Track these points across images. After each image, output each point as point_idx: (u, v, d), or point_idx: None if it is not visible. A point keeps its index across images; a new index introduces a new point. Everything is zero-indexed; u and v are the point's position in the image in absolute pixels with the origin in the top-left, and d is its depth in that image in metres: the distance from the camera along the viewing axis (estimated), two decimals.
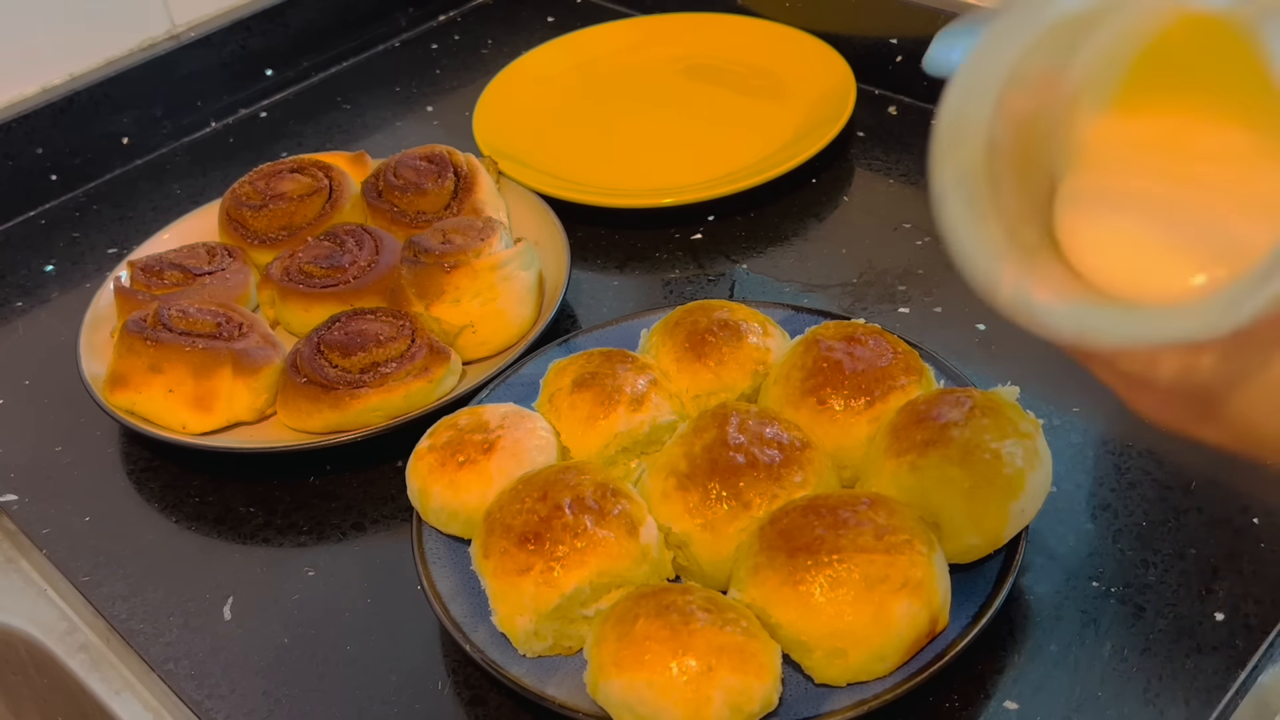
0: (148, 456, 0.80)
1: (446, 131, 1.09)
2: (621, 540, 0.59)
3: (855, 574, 0.56)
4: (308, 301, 0.82)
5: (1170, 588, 0.63)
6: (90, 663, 0.69)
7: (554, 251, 0.87)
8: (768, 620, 0.57)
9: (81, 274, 0.97)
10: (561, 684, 0.59)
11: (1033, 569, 0.65)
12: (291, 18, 1.17)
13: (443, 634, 0.65)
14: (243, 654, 0.66)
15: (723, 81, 1.09)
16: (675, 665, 0.53)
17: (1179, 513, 0.67)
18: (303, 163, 0.93)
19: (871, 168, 0.97)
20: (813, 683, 0.58)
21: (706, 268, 0.89)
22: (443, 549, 0.66)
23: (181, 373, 0.76)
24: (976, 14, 0.40)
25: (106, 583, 0.71)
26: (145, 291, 0.83)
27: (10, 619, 0.72)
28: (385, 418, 0.75)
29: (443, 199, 0.90)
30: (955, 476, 0.60)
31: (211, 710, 0.64)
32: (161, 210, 1.03)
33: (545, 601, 0.58)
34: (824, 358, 0.67)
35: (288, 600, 0.69)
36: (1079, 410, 0.73)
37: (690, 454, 0.63)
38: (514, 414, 0.69)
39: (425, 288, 0.80)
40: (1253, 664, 0.59)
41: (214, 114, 1.15)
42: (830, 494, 0.61)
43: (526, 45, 1.14)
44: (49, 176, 1.06)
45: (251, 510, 0.75)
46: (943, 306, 0.83)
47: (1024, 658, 0.61)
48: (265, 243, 0.89)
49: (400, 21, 1.25)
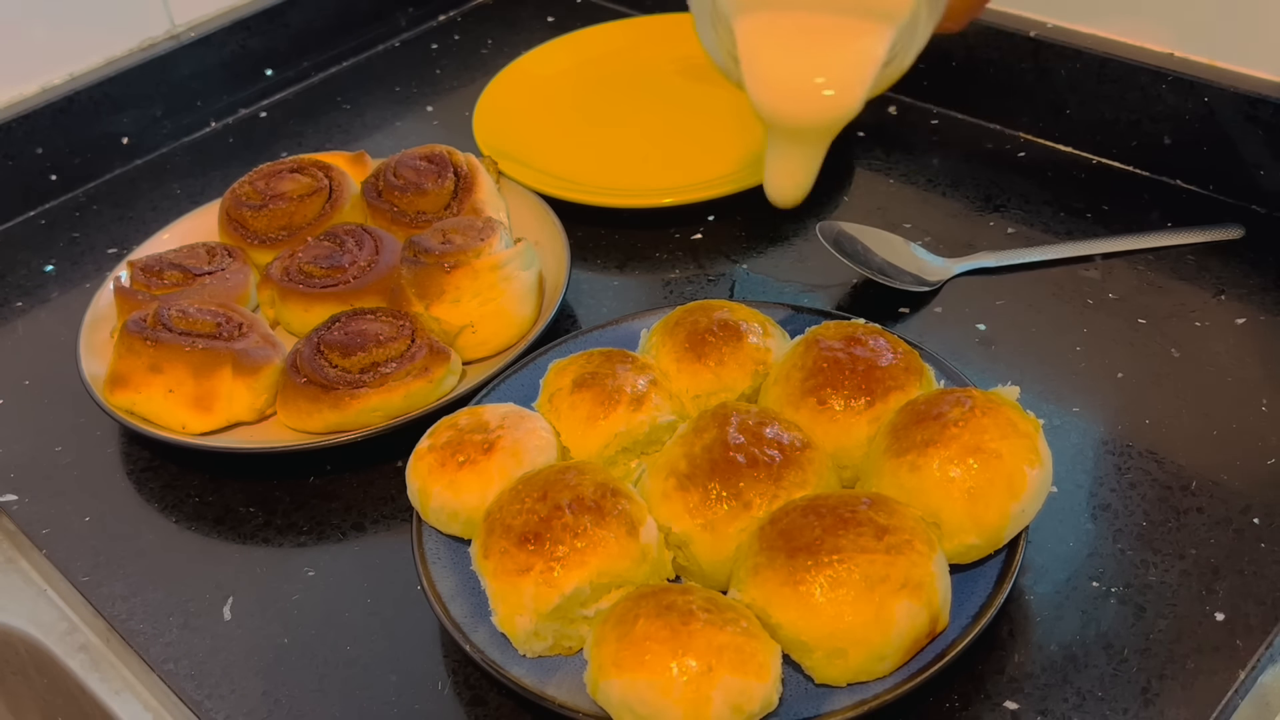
0: (148, 456, 0.80)
1: (446, 131, 1.09)
2: (621, 540, 0.59)
3: (855, 574, 0.56)
4: (308, 301, 0.82)
5: (1170, 588, 0.63)
6: (90, 663, 0.69)
7: (554, 251, 0.87)
8: (768, 620, 0.57)
9: (81, 274, 0.98)
10: (561, 684, 0.59)
11: (1033, 569, 0.65)
12: (291, 18, 1.17)
13: (443, 634, 0.65)
14: (243, 654, 0.66)
15: (723, 81, 1.08)
16: (675, 665, 0.53)
17: (1179, 513, 0.67)
18: (303, 163, 0.93)
19: (871, 168, 0.97)
20: (813, 683, 0.58)
21: (706, 268, 0.89)
22: (443, 549, 0.66)
23: (181, 373, 0.76)
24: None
25: (106, 583, 0.71)
26: (145, 291, 0.83)
27: (10, 619, 0.72)
28: (385, 418, 0.75)
29: (443, 199, 0.90)
30: (955, 476, 0.60)
31: (211, 710, 0.64)
32: (161, 210, 1.04)
33: (545, 601, 0.58)
34: (824, 358, 0.67)
35: (288, 600, 0.69)
36: (1079, 410, 0.74)
37: (690, 454, 0.63)
38: (514, 414, 0.69)
39: (425, 288, 0.80)
40: (1253, 664, 0.59)
41: (214, 114, 1.15)
42: (830, 494, 0.61)
43: (526, 45, 1.14)
44: (49, 176, 1.06)
45: (251, 510, 0.75)
46: (943, 306, 0.83)
47: (1024, 658, 0.61)
48: (265, 243, 0.89)
49: (400, 21, 1.25)
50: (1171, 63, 0.89)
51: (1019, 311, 0.81)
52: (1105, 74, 0.91)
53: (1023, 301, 0.82)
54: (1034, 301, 0.82)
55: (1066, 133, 0.96)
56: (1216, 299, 0.80)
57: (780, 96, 0.60)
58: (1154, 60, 0.89)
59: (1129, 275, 0.83)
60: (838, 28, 0.58)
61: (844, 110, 0.60)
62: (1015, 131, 0.99)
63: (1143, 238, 0.85)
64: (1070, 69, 0.93)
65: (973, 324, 0.81)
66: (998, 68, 0.97)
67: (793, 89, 0.60)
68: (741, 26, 0.60)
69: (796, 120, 0.61)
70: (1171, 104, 0.88)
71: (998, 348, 0.79)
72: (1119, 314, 0.80)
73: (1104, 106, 0.92)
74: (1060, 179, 0.93)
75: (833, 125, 0.62)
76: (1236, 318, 0.79)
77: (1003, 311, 0.81)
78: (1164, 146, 0.90)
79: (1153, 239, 0.85)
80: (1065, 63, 0.93)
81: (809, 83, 0.59)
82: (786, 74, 0.60)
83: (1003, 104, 0.99)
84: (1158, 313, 0.80)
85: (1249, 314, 0.79)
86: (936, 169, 0.96)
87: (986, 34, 0.97)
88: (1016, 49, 0.96)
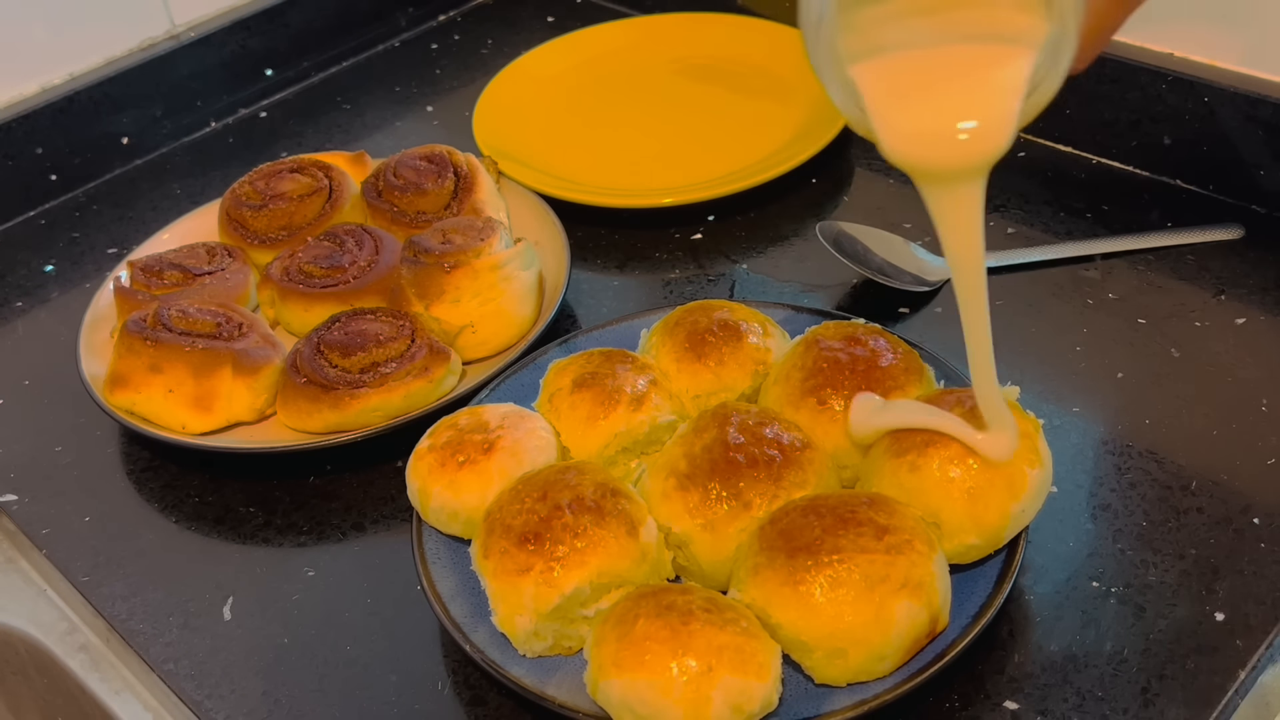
0: (148, 456, 0.80)
1: (446, 131, 1.09)
2: (621, 540, 0.59)
3: (855, 574, 0.56)
4: (308, 301, 0.82)
5: (1170, 588, 0.63)
6: (90, 663, 0.69)
7: (554, 251, 0.87)
8: (768, 620, 0.57)
9: (81, 274, 0.98)
10: (561, 684, 0.59)
11: (1033, 569, 0.65)
12: (291, 18, 1.17)
13: (443, 634, 0.65)
14: (243, 654, 0.66)
15: (723, 81, 1.09)
16: (675, 665, 0.53)
17: (1179, 513, 0.67)
18: (303, 163, 0.93)
19: (871, 168, 0.97)
20: (813, 683, 0.58)
21: (706, 268, 0.89)
22: (443, 549, 0.66)
23: (181, 373, 0.76)
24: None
25: (106, 583, 0.71)
26: (145, 291, 0.83)
27: (10, 619, 0.72)
28: (385, 418, 0.75)
29: (443, 199, 0.90)
30: (955, 476, 0.60)
31: (211, 710, 0.64)
32: (161, 210, 1.04)
33: (545, 601, 0.58)
34: (824, 358, 0.67)
35: (288, 600, 0.69)
36: (1079, 410, 0.74)
37: (690, 454, 0.63)
38: (514, 414, 0.69)
39: (425, 288, 0.80)
40: (1253, 664, 0.59)
41: (214, 114, 1.15)
42: (830, 494, 0.61)
43: (526, 45, 1.14)
44: (49, 176, 1.06)
45: (251, 510, 0.75)
46: (943, 307, 0.83)
47: (1024, 658, 0.61)
48: (265, 243, 0.89)
49: (400, 21, 1.25)
50: (1171, 63, 0.89)
51: (1019, 311, 0.81)
52: (1105, 74, 0.91)
53: (1023, 301, 0.82)
54: (1034, 301, 0.82)
55: (1066, 133, 0.96)
56: (1216, 299, 0.80)
57: (918, 145, 0.53)
58: (1154, 60, 0.89)
59: (1129, 275, 0.83)
60: (972, 59, 0.53)
61: (993, 151, 0.52)
62: None
63: (1143, 238, 0.85)
64: None
65: None
66: None
67: (931, 135, 0.53)
68: (862, 73, 0.53)
69: (941, 167, 0.54)
70: (1171, 104, 0.88)
71: (998, 348, 0.78)
72: (1119, 314, 0.80)
73: (1104, 106, 0.92)
74: (1060, 179, 0.93)
75: (982, 167, 0.54)
76: (1236, 318, 0.79)
77: (1002, 311, 0.81)
78: (1164, 146, 0.90)
79: (1153, 239, 0.85)
80: None
81: (949, 127, 0.52)
82: (922, 121, 0.53)
83: None
84: (1158, 313, 0.80)
85: (1249, 314, 0.79)
86: None
87: None
88: None
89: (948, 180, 0.54)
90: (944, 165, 0.53)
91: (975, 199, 0.54)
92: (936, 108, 0.53)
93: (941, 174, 0.54)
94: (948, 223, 0.55)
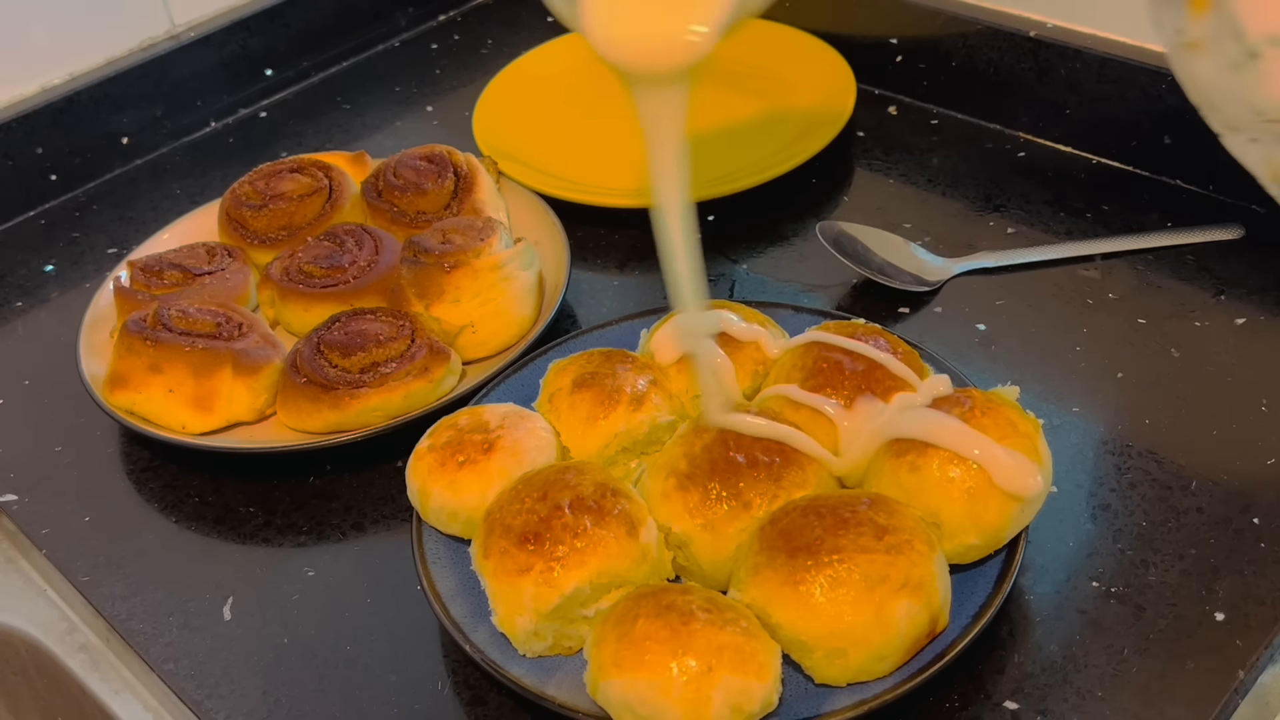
0: (148, 456, 0.80)
1: (446, 131, 1.09)
2: (621, 540, 0.59)
3: (855, 574, 0.56)
4: (308, 301, 0.82)
5: (1170, 588, 0.63)
6: (90, 663, 0.69)
7: (554, 251, 0.87)
8: (768, 620, 0.57)
9: (81, 274, 0.97)
10: (561, 684, 0.59)
11: (1033, 569, 0.65)
12: (291, 18, 1.17)
13: (443, 634, 0.65)
14: (243, 654, 0.66)
15: (723, 81, 1.09)
16: (675, 665, 0.53)
17: (1179, 513, 0.67)
18: (302, 163, 0.93)
19: (871, 168, 0.97)
20: (813, 683, 0.58)
21: (707, 268, 0.89)
22: (443, 549, 0.66)
23: (181, 373, 0.76)
24: None
25: (106, 583, 0.71)
26: (145, 291, 0.83)
27: (10, 619, 0.72)
28: (385, 418, 0.75)
29: (443, 199, 0.90)
30: (955, 476, 0.60)
31: (211, 710, 0.64)
32: (161, 210, 1.03)
33: (545, 601, 0.58)
34: (824, 358, 0.67)
35: (288, 600, 0.69)
36: (1079, 410, 0.74)
37: (690, 454, 0.63)
38: (514, 414, 0.69)
39: (425, 288, 0.80)
40: (1253, 664, 0.59)
41: (214, 114, 1.15)
42: (830, 494, 0.61)
43: (526, 45, 1.14)
44: (49, 176, 1.06)
45: (251, 510, 0.75)
46: (943, 306, 0.83)
47: (1024, 658, 0.61)
48: (265, 243, 0.89)
49: (400, 21, 1.25)
50: None
51: (1019, 311, 0.81)
52: (1105, 74, 0.91)
53: (1022, 301, 0.82)
54: (1034, 301, 0.82)
55: (1066, 133, 0.96)
56: (1216, 299, 0.80)
57: (627, 49, 0.56)
58: (1154, 60, 0.89)
59: (1129, 275, 0.83)
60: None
61: (696, 55, 0.56)
62: (1015, 131, 0.99)
63: (1143, 238, 0.85)
64: (1070, 69, 0.93)
65: (973, 324, 0.81)
66: (998, 68, 0.97)
67: (640, 38, 0.56)
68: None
69: (648, 69, 0.57)
70: (1171, 104, 0.88)
71: (998, 348, 0.79)
72: (1119, 314, 0.80)
73: (1104, 106, 0.92)
74: (1060, 179, 0.93)
75: (684, 70, 0.58)
76: (1236, 318, 0.79)
77: (1002, 311, 0.81)
78: (1164, 146, 0.90)
79: (1153, 239, 0.85)
80: (1065, 63, 0.93)
81: (659, 30, 0.55)
82: (632, 24, 0.56)
83: (1003, 104, 0.99)
84: (1158, 313, 0.80)
85: (1249, 314, 0.79)
86: (936, 169, 0.96)
87: (986, 34, 0.97)
88: (1016, 49, 0.96)
89: (655, 83, 0.57)
90: (652, 67, 0.56)
91: (679, 102, 0.58)
92: (646, 10, 0.55)
93: (649, 76, 0.57)
94: (650, 123, 0.58)
